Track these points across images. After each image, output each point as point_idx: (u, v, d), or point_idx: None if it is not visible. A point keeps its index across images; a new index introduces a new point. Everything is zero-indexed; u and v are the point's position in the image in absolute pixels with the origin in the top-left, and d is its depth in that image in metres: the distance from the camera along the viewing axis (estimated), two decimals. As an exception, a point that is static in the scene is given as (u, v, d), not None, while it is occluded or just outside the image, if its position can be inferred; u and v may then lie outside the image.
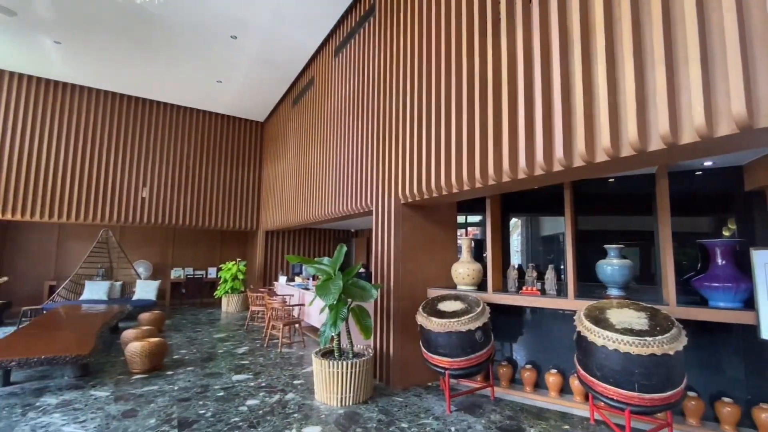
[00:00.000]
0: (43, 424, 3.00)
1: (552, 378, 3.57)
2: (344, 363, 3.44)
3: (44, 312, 6.44)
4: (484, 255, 4.43)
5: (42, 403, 3.41)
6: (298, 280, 7.94)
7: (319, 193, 6.29)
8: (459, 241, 4.65)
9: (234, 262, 8.76)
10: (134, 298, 7.69)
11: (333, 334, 3.52)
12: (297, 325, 5.80)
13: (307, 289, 6.69)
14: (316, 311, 5.95)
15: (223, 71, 7.56)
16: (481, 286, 4.15)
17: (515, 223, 4.75)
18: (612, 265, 3.30)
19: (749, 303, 2.73)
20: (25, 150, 7.62)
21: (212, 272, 10.21)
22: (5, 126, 7.46)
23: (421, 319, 3.54)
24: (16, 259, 8.35)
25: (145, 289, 7.81)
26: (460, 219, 5.11)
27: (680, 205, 3.36)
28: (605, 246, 3.37)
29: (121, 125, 8.64)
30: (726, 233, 3.35)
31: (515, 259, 4.69)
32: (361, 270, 4.69)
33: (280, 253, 10.05)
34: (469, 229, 5.69)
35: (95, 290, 7.47)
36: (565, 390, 3.57)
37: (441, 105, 3.62)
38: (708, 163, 3.28)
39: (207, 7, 5.51)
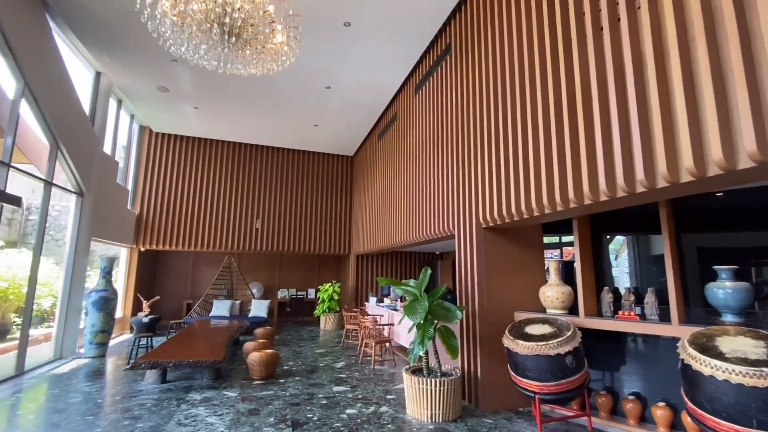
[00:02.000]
0: (192, 414, 3.76)
1: (660, 411, 3.28)
2: (433, 380, 3.65)
3: (184, 325, 7.84)
4: (579, 277, 4.28)
5: (190, 398, 4.24)
6: (387, 301, 8.34)
7: (404, 219, 6.69)
8: (546, 263, 4.57)
9: (330, 284, 9.59)
10: (250, 315, 8.89)
11: (420, 352, 3.76)
12: (388, 344, 6.14)
13: (396, 309, 7.03)
14: (404, 331, 6.24)
15: (319, 116, 8.64)
16: (573, 310, 4.03)
17: (622, 243, 4.49)
18: (725, 289, 2.99)
19: None
20: (173, 194, 9.57)
21: (311, 293, 11.27)
22: (159, 176, 9.48)
23: (508, 341, 3.59)
24: (164, 281, 10.35)
25: (259, 308, 8.97)
26: (554, 239, 4.98)
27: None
28: (715, 267, 3.08)
29: (238, 168, 10.32)
30: None
31: (624, 280, 4.41)
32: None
33: (370, 275, 10.69)
34: (567, 249, 5.45)
35: (220, 308, 8.83)
36: (676, 426, 3.25)
37: (518, 131, 3.76)
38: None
39: (307, 66, 6.48)
